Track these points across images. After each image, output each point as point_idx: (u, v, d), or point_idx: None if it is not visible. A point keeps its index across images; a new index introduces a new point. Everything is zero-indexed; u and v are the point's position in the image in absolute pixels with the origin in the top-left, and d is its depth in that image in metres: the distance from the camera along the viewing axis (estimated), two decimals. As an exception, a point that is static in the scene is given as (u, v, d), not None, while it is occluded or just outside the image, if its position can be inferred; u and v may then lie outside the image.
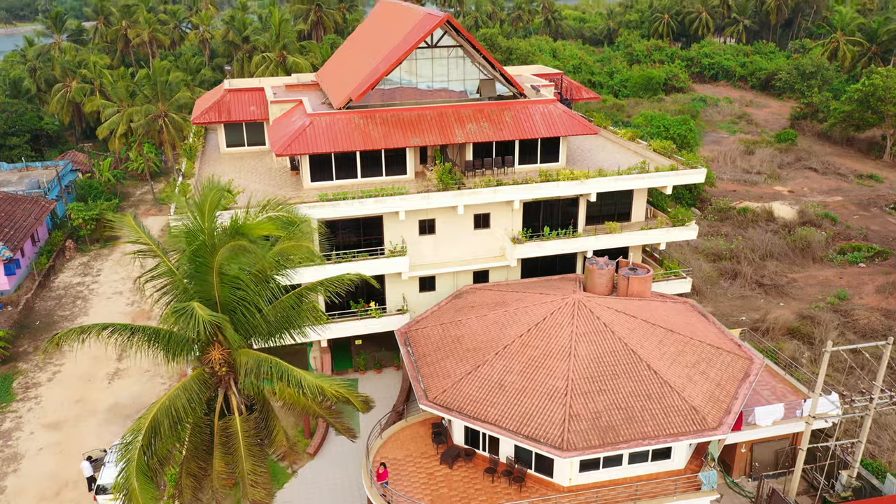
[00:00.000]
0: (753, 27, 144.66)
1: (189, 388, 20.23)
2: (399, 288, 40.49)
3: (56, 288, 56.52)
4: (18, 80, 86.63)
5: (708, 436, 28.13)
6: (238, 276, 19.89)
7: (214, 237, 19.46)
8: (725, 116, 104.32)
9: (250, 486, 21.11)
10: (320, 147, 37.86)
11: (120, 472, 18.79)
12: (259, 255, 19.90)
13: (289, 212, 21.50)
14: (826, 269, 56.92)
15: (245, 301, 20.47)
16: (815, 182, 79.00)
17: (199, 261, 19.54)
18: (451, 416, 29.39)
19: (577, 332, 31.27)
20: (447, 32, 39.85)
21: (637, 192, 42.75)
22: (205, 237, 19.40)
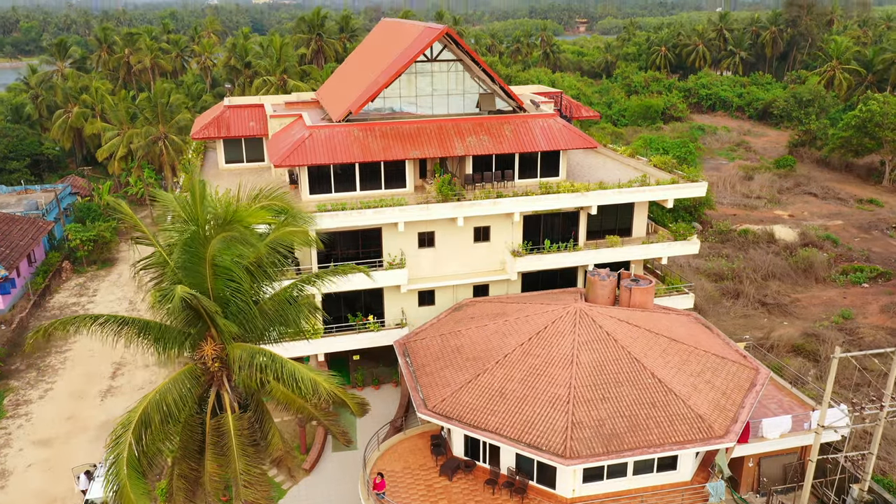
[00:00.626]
0: (750, 59, 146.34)
1: (180, 382, 19.60)
2: (398, 302, 39.94)
3: (51, 308, 55.89)
4: (20, 105, 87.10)
5: (715, 444, 27.35)
6: (230, 268, 19.39)
7: (206, 226, 19.00)
8: (724, 144, 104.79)
9: (244, 487, 20.33)
10: (319, 158, 37.66)
11: (110, 467, 18.07)
12: (253, 244, 19.42)
13: (282, 201, 21.11)
14: (829, 289, 56.40)
15: (239, 293, 19.95)
16: (815, 206, 78.89)
17: (191, 251, 19.08)
18: (451, 424, 28.62)
19: (578, 341, 30.66)
20: (447, 46, 39.99)
21: (638, 206, 42.47)
22: (196, 227, 18.93)
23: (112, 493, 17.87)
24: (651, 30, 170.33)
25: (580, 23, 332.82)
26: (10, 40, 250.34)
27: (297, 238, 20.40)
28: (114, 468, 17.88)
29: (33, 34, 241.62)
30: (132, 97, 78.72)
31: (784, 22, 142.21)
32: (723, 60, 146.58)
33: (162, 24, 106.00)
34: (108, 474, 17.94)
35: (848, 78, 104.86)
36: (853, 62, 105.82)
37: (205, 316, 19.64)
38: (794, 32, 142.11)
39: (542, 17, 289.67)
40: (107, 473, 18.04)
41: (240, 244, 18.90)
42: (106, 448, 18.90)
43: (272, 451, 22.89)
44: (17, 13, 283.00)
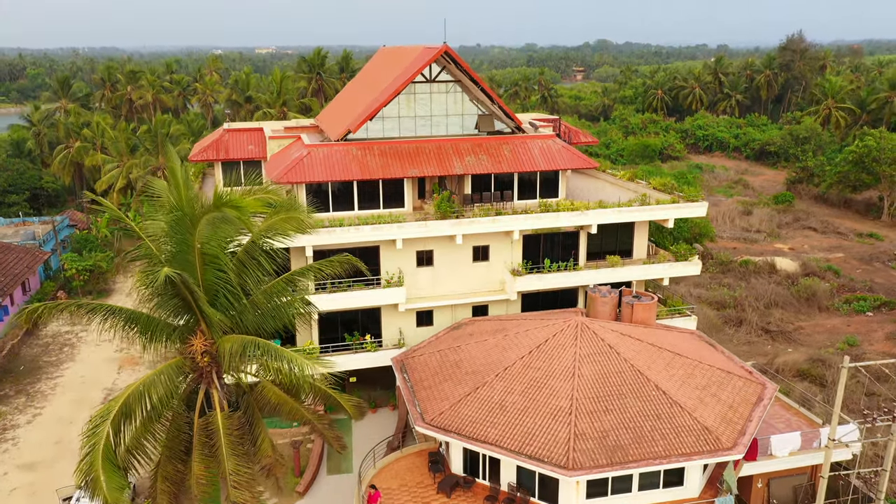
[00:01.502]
0: (745, 102, 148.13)
1: (166, 374, 18.87)
2: (395, 321, 39.23)
3: (44, 336, 55.01)
4: (21, 141, 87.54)
5: (722, 456, 26.40)
6: (218, 256, 18.87)
7: (193, 208, 18.54)
8: (721, 182, 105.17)
9: (233, 488, 19.43)
10: (317, 176, 37.46)
11: (84, 457, 17.26)
12: (244, 225, 18.92)
13: (276, 194, 20.71)
14: (833, 317, 55.68)
15: (228, 283, 19.39)
16: (815, 240, 78.64)
17: (178, 237, 18.60)
18: (449, 437, 27.68)
19: (580, 354, 29.92)
20: (446, 67, 40.20)
21: (638, 227, 42.13)
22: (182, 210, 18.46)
23: (84, 483, 17.02)
24: (647, 75, 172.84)
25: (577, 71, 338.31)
26: (16, 86, 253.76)
27: (290, 226, 19.89)
28: (88, 458, 17.06)
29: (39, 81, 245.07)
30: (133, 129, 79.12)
31: (778, 66, 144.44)
32: (719, 103, 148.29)
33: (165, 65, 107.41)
34: (82, 465, 17.12)
35: (843, 116, 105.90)
36: (848, 101, 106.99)
37: (193, 305, 19.04)
38: (789, 76, 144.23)
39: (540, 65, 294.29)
40: (80, 464, 17.22)
41: (227, 225, 18.38)
42: (81, 437, 18.08)
43: (261, 458, 21.97)
44: (23, 60, 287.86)
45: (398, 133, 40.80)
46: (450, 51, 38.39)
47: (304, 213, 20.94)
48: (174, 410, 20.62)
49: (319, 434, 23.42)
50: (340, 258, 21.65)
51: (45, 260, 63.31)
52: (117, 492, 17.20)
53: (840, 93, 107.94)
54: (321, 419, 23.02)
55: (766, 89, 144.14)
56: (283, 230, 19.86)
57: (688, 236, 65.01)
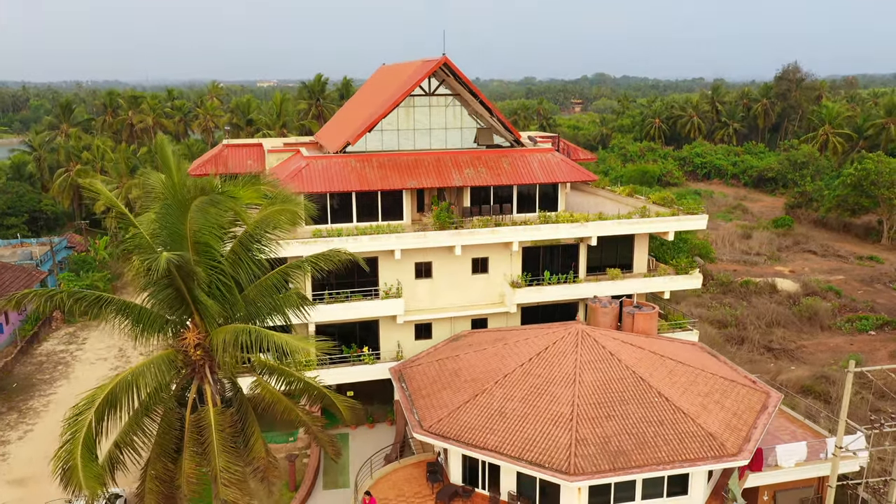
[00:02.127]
0: (742, 131, 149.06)
1: (156, 365, 18.39)
2: (394, 334, 38.75)
3: (38, 355, 54.39)
4: (22, 164, 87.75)
5: (727, 462, 25.79)
6: (210, 244, 18.57)
7: (184, 192, 18.25)
8: (720, 207, 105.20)
9: (223, 486, 18.85)
10: (316, 187, 37.34)
11: (63, 444, 16.77)
12: (239, 215, 18.62)
13: (272, 185, 20.46)
14: (835, 336, 55.15)
15: (222, 275, 19.05)
16: (816, 263, 78.34)
17: (171, 225, 18.33)
18: (448, 444, 27.07)
19: (581, 360, 29.45)
20: (445, 80, 40.35)
21: (638, 241, 41.89)
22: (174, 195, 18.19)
23: (61, 471, 16.50)
24: (645, 105, 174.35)
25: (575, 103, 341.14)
26: (18, 117, 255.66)
27: (285, 217, 19.59)
28: (68, 446, 16.56)
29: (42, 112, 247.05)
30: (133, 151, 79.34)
31: (775, 95, 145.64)
32: (716, 132, 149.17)
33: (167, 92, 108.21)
34: (61, 452, 16.62)
35: (841, 142, 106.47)
36: (845, 127, 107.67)
37: (187, 296, 18.68)
38: (785, 105, 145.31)
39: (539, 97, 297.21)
40: (59, 451, 16.71)
41: (220, 210, 18.09)
42: (63, 423, 17.55)
43: (254, 459, 21.36)
44: (27, 92, 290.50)
45: (397, 146, 40.80)
46: (449, 62, 38.55)
47: (300, 205, 20.62)
48: (165, 406, 20.12)
49: (314, 437, 22.81)
50: (336, 251, 21.32)
51: (42, 280, 62.94)
52: (94, 481, 16.64)
53: (837, 118, 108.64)
54: (316, 421, 22.46)
55: (764, 118, 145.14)
56: (278, 222, 19.56)
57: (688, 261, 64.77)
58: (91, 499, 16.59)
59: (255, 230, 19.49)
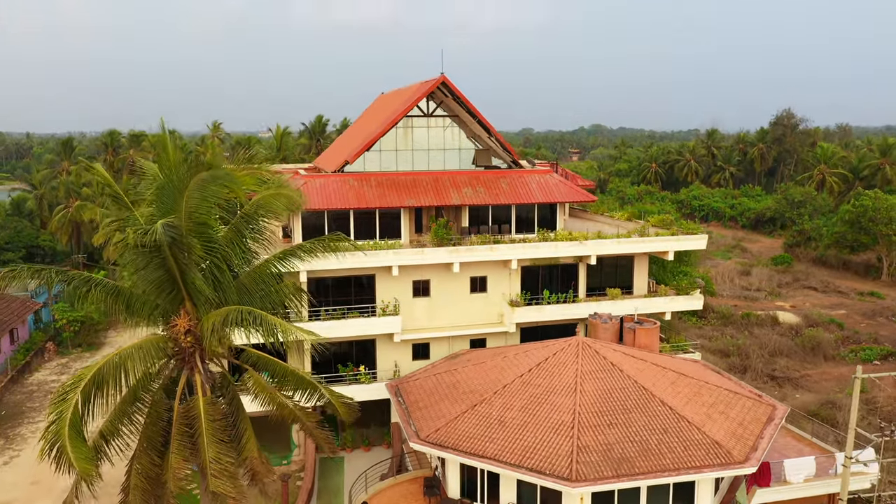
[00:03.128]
0: (739, 175, 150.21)
1: (145, 349, 17.83)
2: (391, 354, 38.06)
3: (29, 384, 53.44)
4: (22, 201, 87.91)
5: (734, 469, 24.95)
6: (208, 224, 18.26)
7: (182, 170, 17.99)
8: (719, 246, 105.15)
9: (213, 477, 18.08)
10: (313, 204, 37.18)
11: (49, 425, 16.14)
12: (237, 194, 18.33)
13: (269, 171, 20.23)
14: (840, 366, 54.34)
15: (217, 257, 18.67)
16: (816, 299, 77.83)
17: (166, 205, 18.04)
18: (446, 453, 26.23)
19: (582, 370, 28.81)
20: (443, 101, 40.65)
21: (638, 262, 41.57)
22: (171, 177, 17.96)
23: (48, 453, 15.84)
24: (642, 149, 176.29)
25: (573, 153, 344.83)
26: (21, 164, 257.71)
27: (281, 203, 19.29)
28: (55, 426, 15.94)
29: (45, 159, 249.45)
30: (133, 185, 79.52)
31: (770, 140, 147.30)
32: (713, 175, 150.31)
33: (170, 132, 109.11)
34: (48, 433, 15.99)
35: (837, 182, 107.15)
36: (840, 167, 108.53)
37: (178, 278, 18.25)
38: (781, 149, 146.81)
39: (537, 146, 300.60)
40: (45, 432, 16.08)
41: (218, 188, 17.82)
42: (49, 403, 16.93)
43: (246, 458, 20.59)
44: (31, 140, 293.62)
45: (395, 166, 40.85)
46: (447, 81, 38.88)
47: (298, 193, 20.34)
48: (153, 396, 19.48)
49: (308, 433, 22.02)
50: (332, 237, 20.96)
51: (36, 311, 62.33)
52: (86, 462, 15.97)
53: (832, 158, 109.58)
54: (310, 417, 21.75)
55: (760, 162, 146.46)
56: (274, 206, 19.28)
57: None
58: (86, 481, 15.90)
59: (251, 213, 19.17)
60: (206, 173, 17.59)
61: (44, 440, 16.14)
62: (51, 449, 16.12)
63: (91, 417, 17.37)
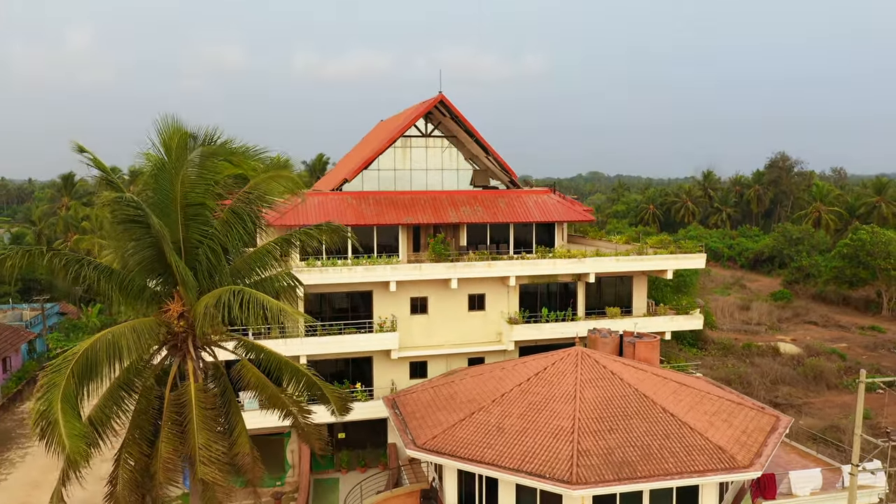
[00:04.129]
0: (736, 216, 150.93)
1: (138, 330, 17.49)
2: (388, 372, 37.54)
3: (19, 413, 52.53)
4: (20, 235, 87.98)
5: (739, 474, 24.33)
6: (205, 204, 18.15)
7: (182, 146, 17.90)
8: (718, 284, 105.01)
9: (202, 464, 17.59)
10: (311, 220, 37.13)
11: (41, 396, 15.74)
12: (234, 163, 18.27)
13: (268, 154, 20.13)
14: (843, 394, 53.63)
15: (212, 240, 18.51)
16: (817, 333, 77.28)
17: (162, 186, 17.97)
18: (443, 459, 25.61)
19: (581, 379, 28.36)
20: (441, 122, 41.03)
21: (637, 281, 41.39)
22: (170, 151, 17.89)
23: (40, 428, 15.38)
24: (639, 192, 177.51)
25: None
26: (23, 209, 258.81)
27: (281, 185, 19.20)
28: (46, 398, 15.52)
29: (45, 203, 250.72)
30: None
31: (766, 181, 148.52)
32: (710, 217, 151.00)
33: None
34: (39, 405, 15.56)
35: (833, 219, 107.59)
36: (837, 205, 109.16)
37: (170, 258, 18.04)
38: (777, 191, 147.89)
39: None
40: (36, 405, 15.65)
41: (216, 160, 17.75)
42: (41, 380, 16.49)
43: (237, 454, 20.04)
44: (32, 185, 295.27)
45: (394, 186, 40.99)
46: (445, 100, 39.30)
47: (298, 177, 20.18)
48: (144, 383, 19.07)
49: (299, 431, 21.48)
50: (330, 226, 20.81)
51: (31, 340, 61.77)
52: (78, 439, 15.49)
53: (828, 196, 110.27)
54: (302, 411, 21.28)
55: (756, 203, 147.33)
56: (272, 189, 19.19)
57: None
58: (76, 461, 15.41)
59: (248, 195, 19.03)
60: (206, 147, 17.53)
61: (34, 412, 15.67)
62: (40, 425, 15.62)
63: (84, 395, 16.96)
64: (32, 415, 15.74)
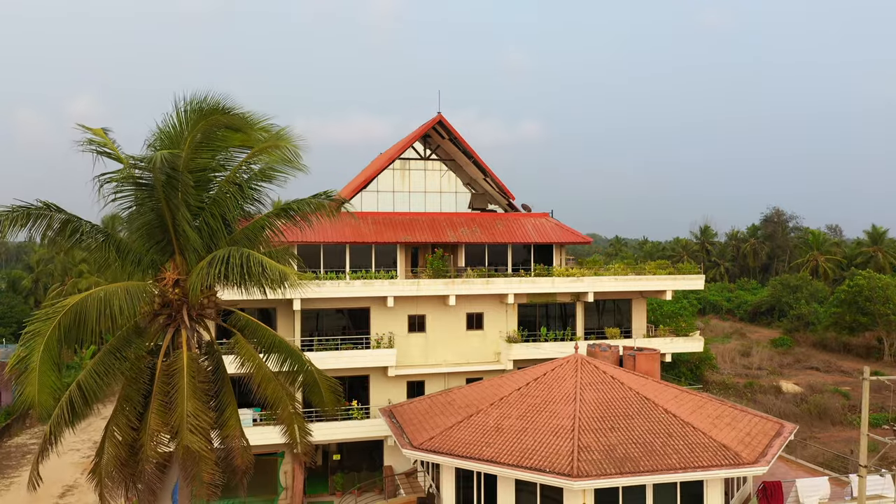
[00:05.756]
0: (734, 270, 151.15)
1: (132, 293, 17.26)
2: (385, 390, 36.87)
3: (7, 447, 51.35)
4: (17, 279, 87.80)
5: (744, 469, 23.67)
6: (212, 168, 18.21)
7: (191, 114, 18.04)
8: (718, 333, 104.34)
9: (188, 432, 17.12)
10: (308, 237, 37.14)
11: (24, 342, 15.45)
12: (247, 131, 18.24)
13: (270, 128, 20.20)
14: (848, 430, 52.67)
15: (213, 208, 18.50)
16: (820, 378, 76.31)
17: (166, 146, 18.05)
18: (440, 458, 24.93)
19: (582, 382, 27.90)
20: (440, 146, 41.56)
21: (636, 305, 41.17)
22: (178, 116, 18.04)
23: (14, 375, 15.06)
24: (636, 247, 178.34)
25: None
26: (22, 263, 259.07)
27: (277, 158, 19.20)
28: (28, 345, 15.23)
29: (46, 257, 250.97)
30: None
31: (762, 236, 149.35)
32: (708, 271, 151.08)
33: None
34: (20, 351, 15.25)
35: (831, 268, 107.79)
36: (834, 254, 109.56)
37: (170, 223, 18.00)
38: (773, 245, 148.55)
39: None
40: (17, 352, 15.34)
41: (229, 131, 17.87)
42: (27, 323, 16.15)
43: (227, 436, 19.51)
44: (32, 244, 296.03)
45: (392, 207, 41.20)
46: (444, 120, 39.86)
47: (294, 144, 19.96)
48: (136, 353, 18.73)
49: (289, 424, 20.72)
50: (328, 195, 20.77)
51: (22, 378, 60.93)
52: (48, 393, 15.15)
53: (825, 244, 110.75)
54: (293, 400, 20.75)
55: (753, 258, 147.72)
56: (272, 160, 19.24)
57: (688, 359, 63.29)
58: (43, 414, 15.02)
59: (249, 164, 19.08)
60: (218, 115, 17.65)
61: (14, 355, 15.35)
62: (17, 371, 15.29)
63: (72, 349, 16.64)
64: (12, 359, 15.45)
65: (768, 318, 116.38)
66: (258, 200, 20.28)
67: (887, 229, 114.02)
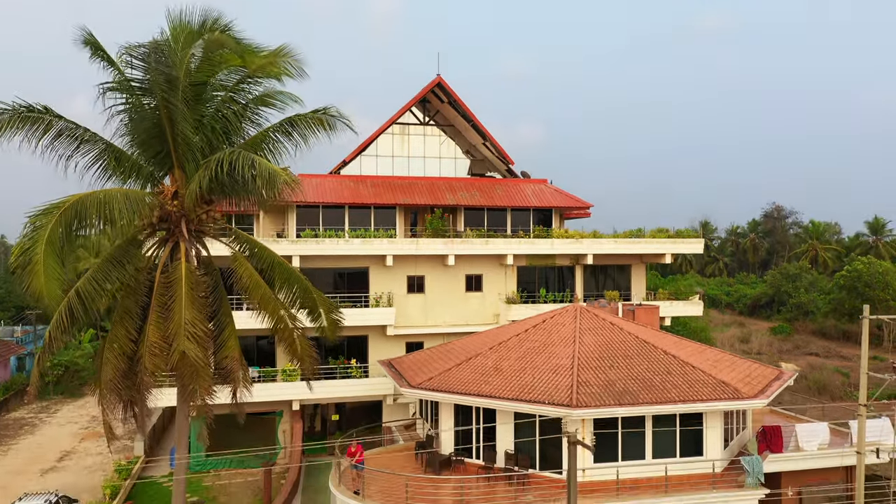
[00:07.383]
0: (733, 266, 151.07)
1: (131, 199, 17.22)
2: (383, 351, 36.79)
3: (5, 421, 51.16)
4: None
5: (744, 402, 23.62)
6: (209, 82, 18.19)
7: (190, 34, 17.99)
8: (717, 324, 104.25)
9: (185, 339, 17.05)
10: (308, 198, 37.21)
11: (26, 235, 15.40)
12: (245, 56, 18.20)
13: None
14: (847, 404, 52.50)
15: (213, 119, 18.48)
16: (820, 362, 76.35)
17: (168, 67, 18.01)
18: (439, 395, 24.87)
19: (581, 327, 27.86)
20: (439, 112, 41.59)
21: (635, 270, 41.17)
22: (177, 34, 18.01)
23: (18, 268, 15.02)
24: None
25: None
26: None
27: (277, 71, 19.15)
28: (32, 236, 15.20)
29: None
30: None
31: (762, 232, 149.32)
32: (707, 266, 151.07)
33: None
34: (22, 243, 15.20)
35: (831, 258, 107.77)
36: (833, 244, 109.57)
37: (168, 133, 17.94)
38: (773, 241, 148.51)
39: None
40: (19, 243, 15.29)
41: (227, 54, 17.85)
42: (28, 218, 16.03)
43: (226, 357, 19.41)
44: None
45: (392, 171, 41.22)
46: (443, 83, 39.90)
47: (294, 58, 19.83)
48: (135, 265, 18.67)
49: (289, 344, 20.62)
50: (328, 111, 20.71)
51: (21, 357, 60.80)
52: (55, 283, 15.11)
53: (824, 233, 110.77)
54: (293, 319, 20.66)
55: (753, 253, 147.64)
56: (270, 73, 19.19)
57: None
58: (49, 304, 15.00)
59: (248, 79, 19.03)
60: (217, 36, 17.62)
61: (17, 248, 15.31)
62: (21, 265, 15.25)
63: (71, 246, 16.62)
64: (15, 249, 15.42)
65: (768, 311, 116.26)
66: (258, 124, 20.19)
67: (889, 220, 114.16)
